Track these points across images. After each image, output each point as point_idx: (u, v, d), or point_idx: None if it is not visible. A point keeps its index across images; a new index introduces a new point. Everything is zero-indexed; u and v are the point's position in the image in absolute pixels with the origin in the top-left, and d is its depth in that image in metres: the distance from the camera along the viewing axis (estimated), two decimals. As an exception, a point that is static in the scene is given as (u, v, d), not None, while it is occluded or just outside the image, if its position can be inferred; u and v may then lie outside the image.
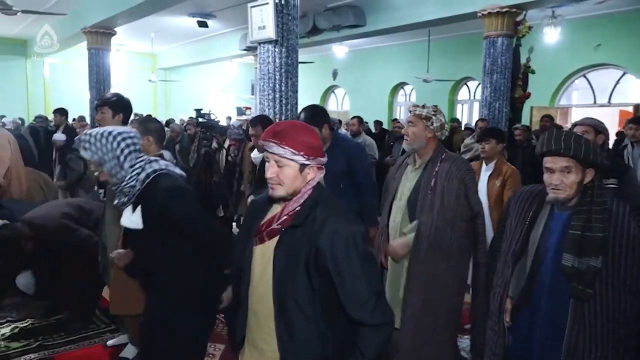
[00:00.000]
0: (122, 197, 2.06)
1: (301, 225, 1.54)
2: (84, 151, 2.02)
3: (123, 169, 2.02)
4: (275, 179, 1.54)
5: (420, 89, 13.55)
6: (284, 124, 1.59)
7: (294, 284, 1.54)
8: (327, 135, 3.21)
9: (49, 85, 14.73)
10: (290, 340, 1.55)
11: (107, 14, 8.86)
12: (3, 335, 3.58)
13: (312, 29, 9.98)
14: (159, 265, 2.12)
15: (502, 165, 3.68)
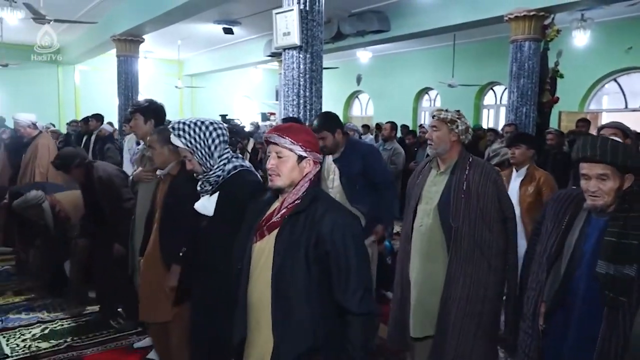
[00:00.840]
0: (206, 185, 2.13)
1: (304, 211, 1.64)
2: (177, 138, 2.09)
3: (212, 158, 2.10)
4: (274, 169, 1.68)
5: (445, 94, 13.43)
6: (288, 124, 1.77)
7: (293, 271, 1.62)
8: (341, 140, 3.29)
9: (79, 91, 15.11)
10: (285, 328, 1.63)
11: (135, 22, 9.05)
12: (33, 336, 3.67)
13: (337, 34, 10.00)
14: (218, 254, 2.13)
15: (534, 171, 3.56)
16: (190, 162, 2.13)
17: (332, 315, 1.64)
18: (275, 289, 1.64)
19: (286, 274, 1.63)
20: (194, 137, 2.09)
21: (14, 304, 4.30)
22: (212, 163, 2.11)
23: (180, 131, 2.10)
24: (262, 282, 1.67)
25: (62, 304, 4.29)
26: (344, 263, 1.61)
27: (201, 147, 2.09)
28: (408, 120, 14.08)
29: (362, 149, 3.40)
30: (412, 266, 2.59)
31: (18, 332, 3.73)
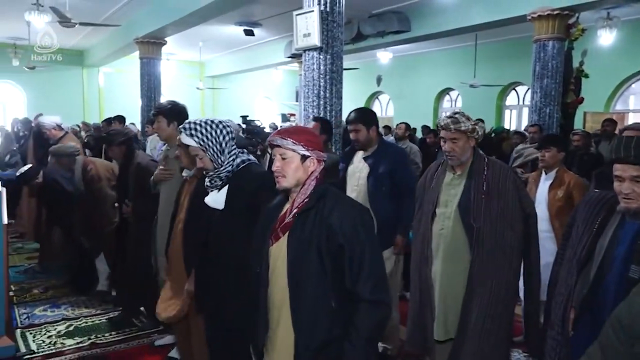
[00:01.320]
0: (217, 181, 2.18)
1: (313, 208, 1.67)
2: (189, 138, 2.15)
3: (223, 155, 2.17)
4: (279, 171, 1.72)
5: (466, 94, 13.31)
6: (290, 127, 1.81)
7: (307, 266, 1.65)
8: (374, 137, 3.30)
9: (103, 93, 15.39)
10: (304, 323, 1.65)
11: (157, 25, 9.18)
12: (59, 333, 3.75)
13: (357, 35, 9.99)
14: (229, 246, 2.17)
15: (564, 174, 3.46)
16: (202, 160, 2.19)
17: (349, 307, 1.65)
18: (291, 286, 1.66)
19: (300, 270, 1.65)
20: (206, 136, 2.15)
21: (40, 301, 4.40)
22: (222, 159, 2.17)
23: (192, 130, 2.15)
24: (281, 283, 1.69)
25: (86, 301, 4.38)
26: (357, 252, 1.62)
27: (213, 145, 2.15)
28: (429, 121, 13.97)
29: (394, 151, 3.42)
30: (434, 270, 2.56)
31: (44, 329, 3.81)
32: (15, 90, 14.27)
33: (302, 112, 5.20)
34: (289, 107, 17.64)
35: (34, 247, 5.96)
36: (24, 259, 5.71)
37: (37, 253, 5.70)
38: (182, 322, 2.75)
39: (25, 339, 3.64)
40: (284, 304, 1.69)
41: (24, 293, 4.59)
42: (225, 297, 2.21)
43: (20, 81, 13.95)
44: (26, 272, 5.24)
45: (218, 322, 2.27)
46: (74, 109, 14.10)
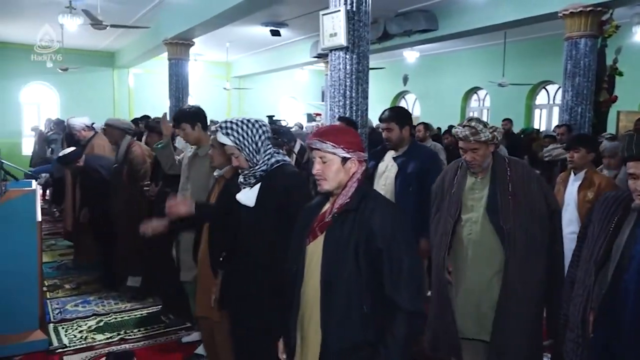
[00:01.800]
0: (251, 179, 2.19)
1: (354, 210, 1.66)
2: (225, 137, 2.16)
3: (259, 154, 2.17)
4: (320, 174, 1.70)
5: (495, 93, 13.09)
6: (327, 127, 1.79)
7: (342, 266, 1.64)
8: (407, 137, 3.29)
9: (133, 93, 15.68)
10: (333, 323, 1.64)
11: (186, 26, 9.31)
12: (89, 328, 3.84)
13: (383, 34, 9.93)
14: (259, 244, 2.18)
15: (594, 175, 3.37)
16: (237, 159, 2.19)
17: (383, 312, 1.63)
18: (323, 285, 1.66)
19: (335, 270, 1.65)
20: (242, 135, 2.15)
21: (72, 297, 4.52)
22: (258, 159, 2.17)
23: (229, 129, 2.16)
24: (314, 282, 1.70)
25: (115, 298, 4.47)
26: (395, 259, 1.60)
27: (249, 144, 2.15)
28: (456, 120, 13.78)
29: (424, 153, 3.40)
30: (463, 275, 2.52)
31: (75, 324, 3.91)
32: (49, 91, 14.65)
33: (328, 112, 5.21)
34: (314, 107, 17.66)
35: (66, 244, 6.12)
36: (56, 255, 5.87)
37: (69, 250, 5.85)
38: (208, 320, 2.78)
39: (57, 333, 3.74)
40: (316, 302, 1.69)
41: (57, 289, 4.71)
42: (251, 294, 2.22)
43: (54, 82, 14.33)
44: (59, 268, 5.39)
45: (243, 319, 2.28)
46: (104, 109, 14.38)
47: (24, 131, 13.89)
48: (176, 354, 3.45)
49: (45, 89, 14.62)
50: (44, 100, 14.70)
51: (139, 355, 3.41)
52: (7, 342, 3.28)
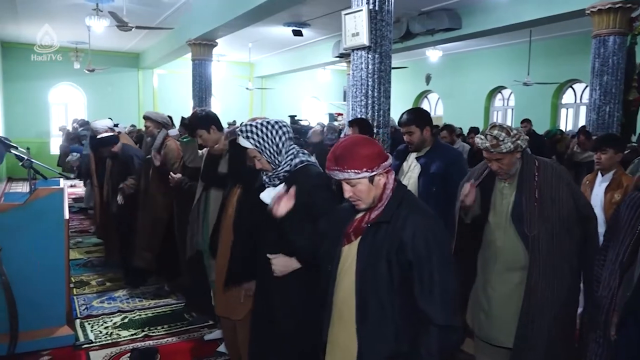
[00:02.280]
0: (275, 180, 2.19)
1: (387, 222, 1.63)
2: (245, 140, 2.16)
3: (280, 155, 2.17)
4: (353, 197, 1.67)
5: (519, 93, 12.88)
6: (341, 147, 1.67)
7: (375, 277, 1.62)
8: (428, 138, 3.23)
9: (157, 94, 15.92)
10: (369, 333, 1.63)
11: (209, 27, 9.40)
12: (114, 324, 3.91)
13: (406, 33, 9.87)
14: (279, 243, 2.19)
15: (622, 176, 3.28)
16: (260, 162, 2.19)
17: (417, 323, 1.60)
18: (358, 295, 1.66)
19: (368, 280, 1.64)
20: (262, 137, 2.14)
21: (98, 294, 4.61)
22: (280, 160, 2.17)
23: (249, 133, 2.16)
24: (346, 284, 1.70)
25: (140, 295, 4.55)
26: (427, 272, 1.56)
27: (269, 146, 2.15)
28: (479, 120, 13.64)
29: (449, 153, 3.31)
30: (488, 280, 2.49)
31: (101, 320, 3.99)
32: (76, 92, 14.98)
33: (350, 112, 5.20)
34: (336, 107, 17.66)
35: (92, 242, 6.24)
36: (83, 252, 5.99)
37: (96, 247, 5.97)
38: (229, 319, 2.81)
39: (84, 328, 3.82)
40: (345, 303, 1.70)
41: (83, 285, 4.81)
42: (273, 292, 2.24)
43: (81, 83, 14.63)
44: (85, 265, 5.50)
45: (265, 316, 2.29)
46: (129, 110, 14.66)
47: (52, 131, 14.24)
48: (199, 351, 3.49)
49: (73, 90, 14.95)
50: (71, 101, 15.03)
51: (162, 351, 3.46)
52: (36, 337, 3.37)
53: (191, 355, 3.44)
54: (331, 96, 18.37)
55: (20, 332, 3.25)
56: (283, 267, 2.13)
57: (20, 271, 3.25)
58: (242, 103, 16.81)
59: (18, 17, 10.34)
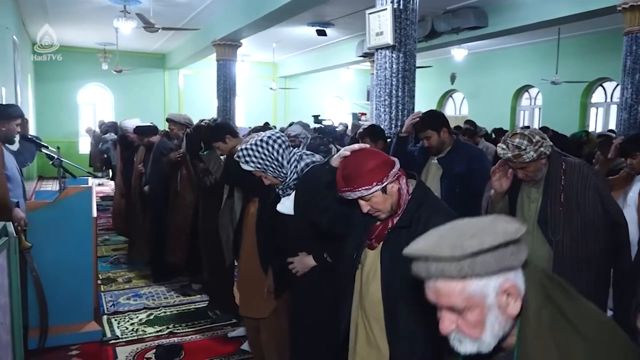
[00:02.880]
0: (288, 190, 2.21)
1: (406, 227, 1.62)
2: (246, 164, 2.17)
3: (284, 167, 2.17)
4: (371, 210, 1.65)
5: (547, 92, 12.63)
6: (348, 166, 1.65)
7: (401, 282, 1.60)
8: (446, 139, 3.19)
9: (182, 94, 16.14)
10: (398, 337, 1.64)
11: (234, 28, 9.49)
12: (140, 321, 3.97)
13: (431, 32, 9.78)
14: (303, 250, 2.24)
15: None
16: (267, 179, 2.20)
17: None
18: (386, 301, 1.66)
19: (394, 286, 1.64)
20: (261, 157, 2.14)
21: (124, 290, 4.69)
22: (285, 171, 2.17)
23: (247, 157, 2.16)
24: (373, 289, 1.71)
25: (165, 293, 4.61)
26: None
27: (270, 163, 2.15)
28: (506, 119, 13.43)
29: (470, 152, 3.28)
30: None
31: (127, 316, 4.06)
32: (104, 92, 15.29)
33: (374, 112, 5.17)
34: (360, 107, 17.62)
35: (119, 240, 6.36)
36: (110, 250, 6.11)
37: (122, 245, 6.08)
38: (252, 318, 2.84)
39: (110, 324, 3.89)
40: (374, 308, 1.71)
41: (110, 282, 4.90)
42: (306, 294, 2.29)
43: (109, 84, 14.93)
44: (112, 262, 5.61)
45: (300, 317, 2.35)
46: (156, 109, 14.88)
47: (80, 131, 14.57)
48: (223, 348, 3.52)
49: (101, 90, 15.26)
50: (99, 101, 15.35)
51: (186, 348, 3.50)
52: (65, 332, 3.44)
53: (215, 352, 3.47)
54: (354, 96, 18.34)
55: (50, 327, 3.34)
56: (301, 265, 2.24)
57: (50, 267, 3.32)
58: (265, 103, 16.91)
59: (49, 19, 10.61)
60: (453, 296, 1.00)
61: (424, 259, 1.02)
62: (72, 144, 14.01)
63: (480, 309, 1.00)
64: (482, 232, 0.98)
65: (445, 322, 1.04)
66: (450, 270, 0.98)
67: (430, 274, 1.01)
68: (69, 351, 3.39)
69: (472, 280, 0.98)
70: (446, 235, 1.03)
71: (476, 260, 0.96)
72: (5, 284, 1.86)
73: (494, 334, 1.01)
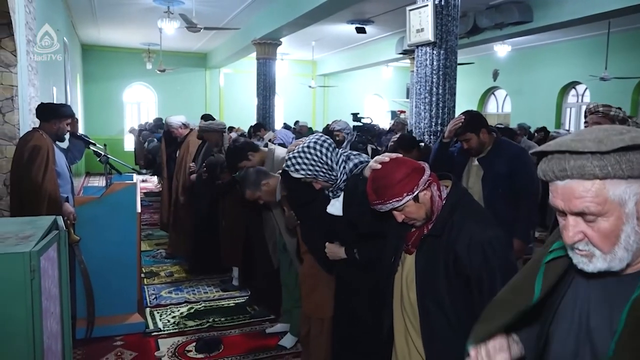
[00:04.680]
0: (338, 192, 2.22)
1: (439, 236, 1.60)
2: (296, 173, 2.16)
3: (333, 170, 2.16)
4: (406, 219, 1.63)
5: (595, 88, 12.15)
6: (377, 178, 1.63)
7: (435, 287, 1.61)
8: (486, 139, 3.12)
9: (223, 93, 16.40)
10: (432, 337, 1.63)
11: (274, 26, 9.56)
12: (181, 314, 4.07)
13: (473, 28, 9.57)
14: (352, 250, 2.31)
15: None
16: (318, 183, 2.20)
17: None
18: (421, 307, 1.65)
19: (429, 293, 1.63)
20: (310, 164, 2.12)
21: (166, 284, 4.81)
22: (335, 174, 2.16)
23: (296, 165, 2.14)
24: (412, 295, 1.71)
25: (205, 287, 4.70)
26: (487, 287, 1.51)
27: (320, 168, 2.13)
28: (551, 117, 13.02)
29: (511, 151, 3.18)
30: None
31: (169, 309, 4.16)
32: (148, 91, 15.71)
33: (414, 110, 5.11)
34: (399, 105, 17.45)
35: (161, 235, 6.53)
36: (153, 245, 6.28)
37: (165, 240, 6.24)
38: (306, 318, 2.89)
39: (153, 317, 4.00)
40: (413, 313, 1.71)
41: (153, 276, 5.04)
42: (352, 294, 2.35)
43: (152, 83, 15.34)
44: (154, 257, 5.76)
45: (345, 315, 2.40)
46: (197, 108, 15.17)
47: (126, 129, 15.04)
48: (260, 344, 3.56)
49: (145, 89, 15.69)
50: (143, 100, 15.79)
51: (225, 342, 3.56)
52: (110, 323, 3.56)
53: (253, 347, 3.51)
54: (394, 93, 18.18)
55: (96, 318, 3.46)
56: (332, 252, 2.38)
57: (97, 260, 3.44)
58: (304, 101, 16.98)
59: (97, 21, 11.00)
60: (587, 199, 0.86)
61: (560, 153, 0.87)
62: (117, 141, 14.47)
63: (617, 217, 0.86)
64: (631, 131, 0.84)
65: (570, 231, 0.90)
66: (591, 167, 0.84)
67: (567, 171, 0.86)
68: (114, 341, 3.51)
69: (613, 181, 0.85)
70: (587, 133, 0.87)
71: (623, 158, 0.83)
72: (55, 276, 1.93)
73: (628, 247, 0.88)
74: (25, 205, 3.38)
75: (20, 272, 1.58)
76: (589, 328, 0.97)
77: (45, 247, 1.75)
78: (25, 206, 3.37)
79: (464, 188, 1.75)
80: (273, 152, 3.51)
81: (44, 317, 1.70)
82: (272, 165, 3.41)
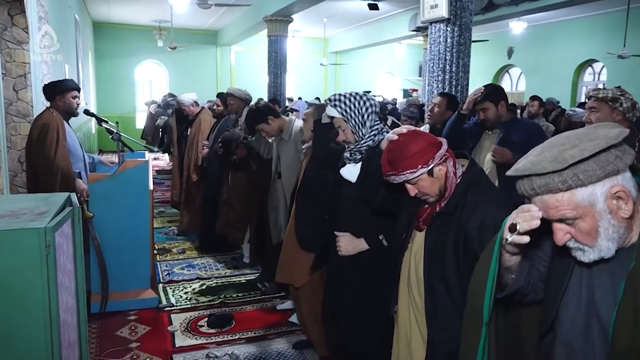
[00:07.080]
0: (357, 154, 2.21)
1: (451, 214, 1.59)
2: (333, 108, 2.20)
3: (364, 127, 2.17)
4: (419, 194, 1.63)
5: (613, 66, 11.89)
6: (393, 149, 1.62)
7: (443, 263, 1.61)
8: (504, 112, 3.13)
9: (234, 70, 16.33)
10: (436, 317, 1.64)
11: (285, 3, 9.43)
12: (193, 290, 4.13)
13: (488, 4, 9.37)
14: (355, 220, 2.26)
15: None
16: (344, 132, 2.19)
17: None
18: (427, 286, 1.66)
19: (437, 267, 1.63)
20: (349, 106, 2.16)
21: (178, 261, 4.88)
22: (364, 132, 2.16)
23: (337, 101, 2.18)
24: (420, 272, 1.70)
25: (217, 264, 4.76)
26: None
27: (355, 116, 2.15)
28: (566, 96, 12.79)
29: (526, 127, 3.19)
30: None
31: (181, 286, 4.23)
32: (159, 68, 15.69)
33: (426, 87, 5.05)
34: (411, 83, 17.26)
35: (173, 212, 6.59)
36: (165, 222, 6.35)
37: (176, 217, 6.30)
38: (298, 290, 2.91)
39: (166, 293, 4.07)
40: (418, 291, 1.71)
41: (165, 253, 5.11)
42: (345, 269, 2.28)
43: (164, 60, 15.29)
44: (166, 234, 5.83)
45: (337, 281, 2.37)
46: (208, 85, 15.15)
47: (137, 106, 15.07)
48: (271, 320, 3.61)
49: (156, 67, 15.66)
50: (155, 78, 15.78)
51: (237, 318, 3.61)
52: (123, 298, 3.63)
53: (264, 322, 3.57)
54: (406, 71, 17.97)
55: (110, 293, 3.53)
56: (350, 246, 2.21)
57: (110, 237, 3.50)
58: (316, 79, 16.86)
59: (108, -3, 10.94)
60: (562, 208, 1.01)
61: (527, 177, 1.03)
62: (129, 119, 14.52)
63: (591, 216, 1.01)
64: (583, 140, 0.98)
65: (558, 234, 1.05)
66: (554, 184, 0.99)
67: (536, 190, 1.02)
68: (128, 316, 3.58)
69: (578, 190, 0.99)
70: (546, 150, 1.03)
71: (578, 169, 0.97)
72: (70, 251, 1.97)
73: (609, 238, 1.02)
74: (39, 182, 3.44)
75: (35, 248, 1.61)
76: (594, 302, 1.09)
77: (60, 223, 1.77)
78: (39, 183, 3.42)
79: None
80: (292, 122, 3.53)
81: (59, 291, 1.73)
82: (290, 134, 3.43)
